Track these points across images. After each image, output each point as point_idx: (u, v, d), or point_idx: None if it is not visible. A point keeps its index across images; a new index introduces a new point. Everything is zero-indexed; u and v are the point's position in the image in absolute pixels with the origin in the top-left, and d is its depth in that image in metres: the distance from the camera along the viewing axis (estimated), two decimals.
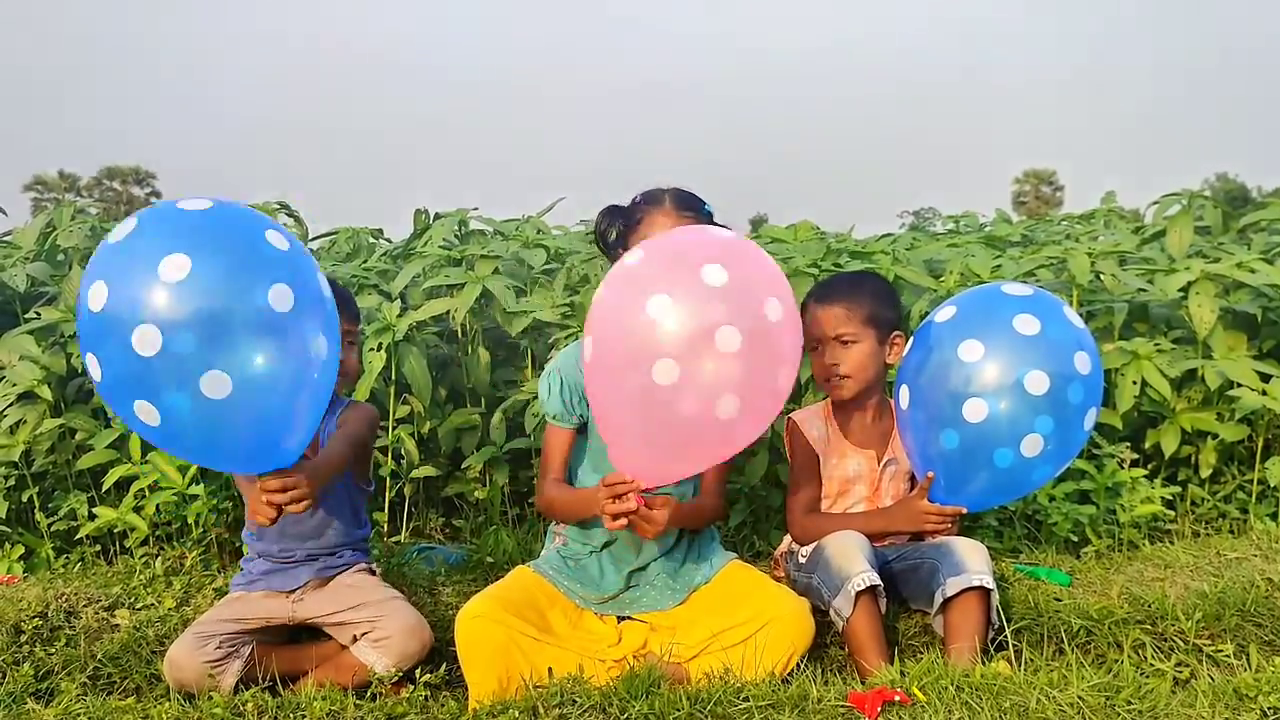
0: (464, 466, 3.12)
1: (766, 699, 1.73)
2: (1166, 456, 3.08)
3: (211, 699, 1.78)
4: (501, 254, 3.40)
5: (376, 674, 2.00)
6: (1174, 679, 1.99)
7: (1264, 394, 2.95)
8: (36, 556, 2.93)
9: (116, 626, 2.29)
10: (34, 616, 2.28)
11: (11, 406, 2.91)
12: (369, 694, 1.86)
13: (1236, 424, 3.06)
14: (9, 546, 2.92)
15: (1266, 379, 3.00)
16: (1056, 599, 2.30)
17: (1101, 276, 3.29)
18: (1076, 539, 2.79)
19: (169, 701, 1.80)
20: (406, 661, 2.03)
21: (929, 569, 2.13)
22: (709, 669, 1.93)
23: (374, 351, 2.96)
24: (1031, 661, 1.92)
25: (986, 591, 2.03)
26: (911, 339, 2.24)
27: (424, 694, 1.82)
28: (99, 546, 2.92)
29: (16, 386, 2.88)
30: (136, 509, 2.70)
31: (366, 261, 3.71)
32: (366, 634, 2.07)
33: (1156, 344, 3.06)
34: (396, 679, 2.00)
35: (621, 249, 2.18)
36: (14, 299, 3.29)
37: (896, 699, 1.70)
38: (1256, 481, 3.10)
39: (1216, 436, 3.08)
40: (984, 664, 1.85)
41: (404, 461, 3.08)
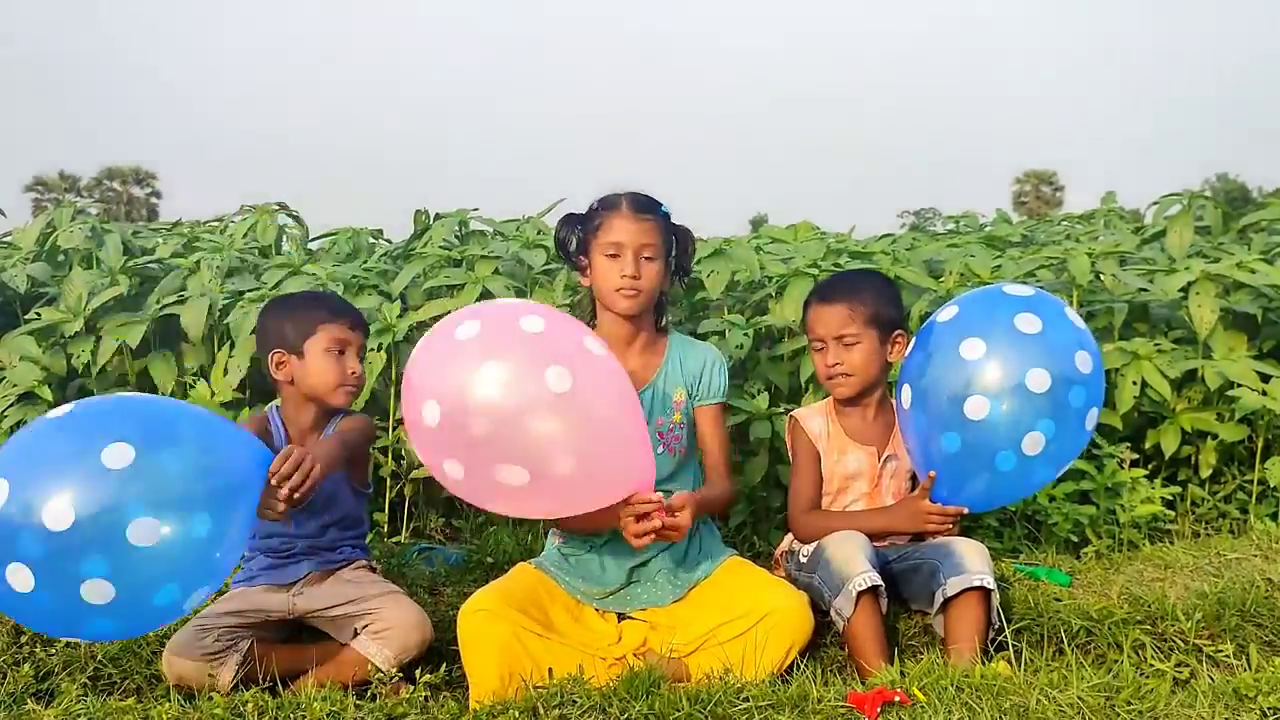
0: None
1: (766, 699, 1.73)
2: (1166, 457, 3.08)
3: (211, 699, 1.78)
4: (501, 254, 3.40)
5: (377, 666, 2.00)
6: (1174, 679, 1.99)
7: (1264, 394, 2.95)
8: None
9: None
10: None
11: (12, 407, 2.91)
12: (369, 694, 1.86)
13: (1236, 424, 3.06)
14: None
15: (1266, 379, 3.01)
16: (1056, 599, 2.30)
17: (1102, 276, 3.30)
18: (1076, 539, 2.79)
19: (169, 702, 1.80)
20: (407, 654, 2.03)
21: (929, 569, 2.13)
22: (708, 666, 1.94)
23: (374, 352, 2.96)
24: (1031, 662, 1.92)
25: (987, 592, 2.03)
26: (913, 339, 2.24)
27: (424, 694, 1.82)
28: None
29: (17, 387, 2.89)
30: None
31: (367, 262, 3.71)
32: (367, 626, 2.08)
33: (1157, 344, 3.06)
34: (397, 678, 2.00)
35: (583, 256, 2.19)
36: (14, 300, 3.30)
37: (896, 699, 1.70)
38: (1256, 482, 3.10)
39: (1216, 437, 3.08)
40: (984, 664, 1.85)
41: (404, 462, 3.08)
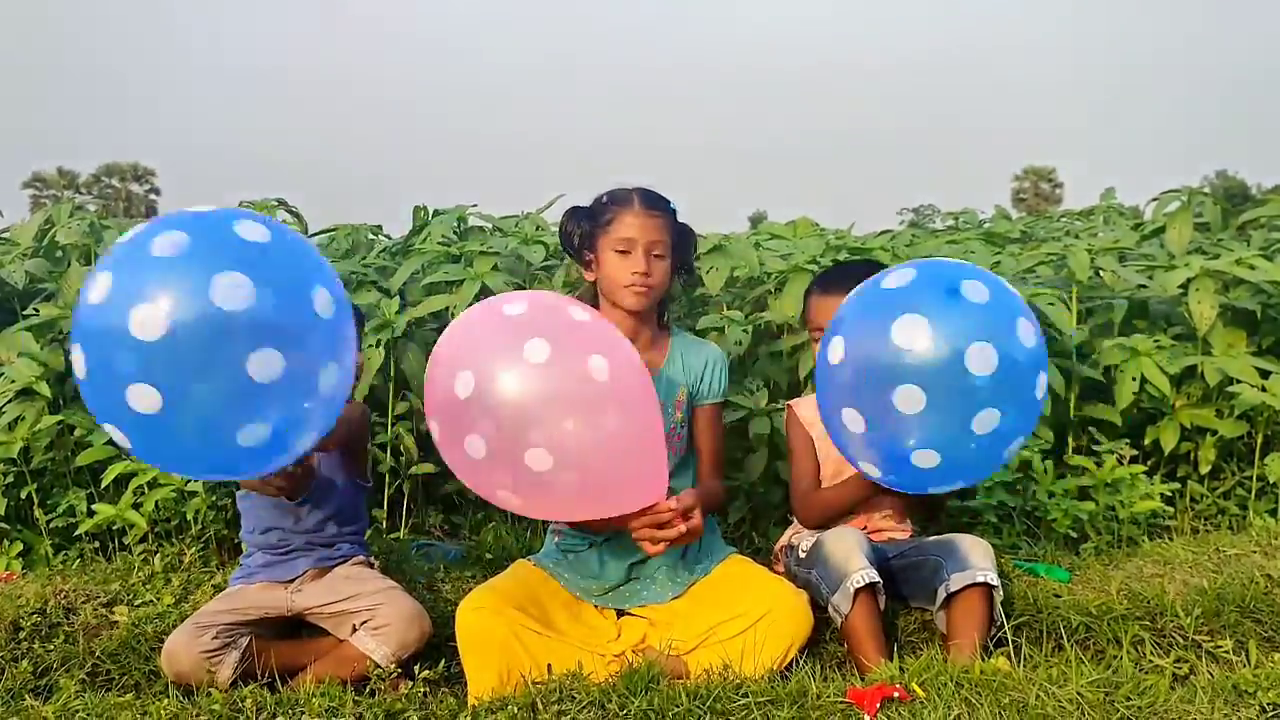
0: None
1: (766, 695, 1.73)
2: (1166, 453, 3.08)
3: (210, 695, 1.78)
4: (500, 250, 3.39)
5: (375, 662, 2.00)
6: (1173, 675, 1.99)
7: (1263, 390, 2.95)
8: (35, 553, 2.92)
9: (115, 623, 2.29)
10: (33, 613, 2.28)
11: (10, 403, 2.90)
12: (368, 690, 1.86)
13: (1236, 420, 3.06)
14: (8, 543, 2.91)
15: (1266, 375, 3.00)
16: (1056, 595, 2.30)
17: (1101, 273, 3.29)
18: (1076, 535, 2.79)
19: (167, 698, 1.79)
20: (405, 650, 2.03)
21: (933, 565, 2.13)
22: (708, 663, 1.93)
23: (373, 348, 2.95)
24: (1031, 658, 1.92)
25: (990, 588, 2.03)
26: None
27: (423, 690, 1.82)
28: (98, 543, 2.91)
29: (15, 383, 2.88)
30: (135, 506, 2.70)
31: (365, 258, 3.71)
32: (365, 622, 2.08)
33: (1156, 340, 3.06)
34: (395, 674, 2.00)
35: (588, 251, 2.19)
36: (12, 295, 3.29)
37: (896, 695, 1.69)
38: (1255, 478, 3.10)
39: (1216, 433, 3.08)
40: (984, 660, 1.85)
41: (403, 458, 3.07)
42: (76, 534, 2.84)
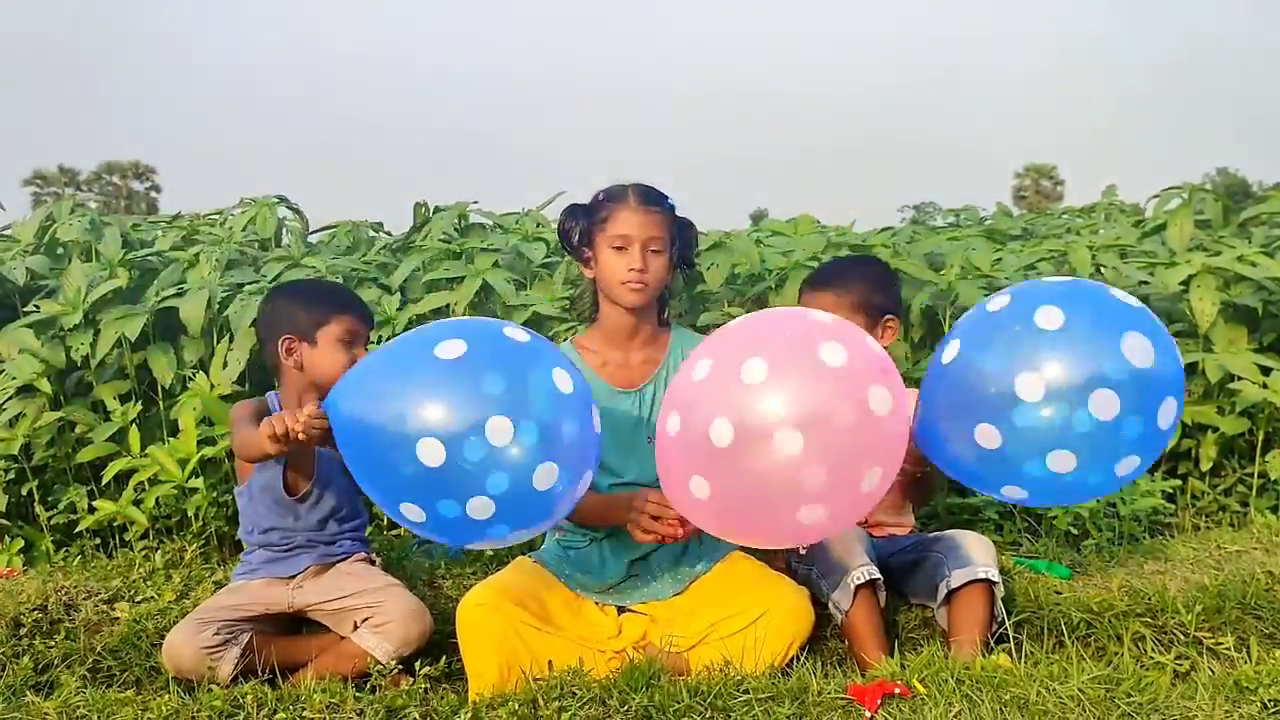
0: None
1: (766, 691, 1.73)
2: (1167, 450, 3.07)
3: (211, 691, 1.78)
4: (501, 247, 3.39)
5: (377, 659, 2.00)
6: (1174, 672, 1.99)
7: (1264, 387, 2.95)
8: (36, 550, 2.93)
9: (116, 620, 2.29)
10: (34, 610, 2.28)
11: (11, 400, 2.91)
12: (369, 686, 1.86)
13: (1237, 417, 3.05)
14: (9, 540, 2.92)
15: (1267, 372, 3.00)
16: (1057, 592, 2.30)
17: (1102, 270, 3.29)
18: (1077, 532, 2.79)
19: (169, 694, 1.80)
20: (407, 647, 2.03)
21: (934, 562, 2.13)
22: (708, 659, 1.93)
23: (373, 345, 2.95)
24: (1032, 654, 1.91)
25: (991, 584, 2.03)
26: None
27: (424, 686, 1.82)
28: (99, 540, 2.92)
29: (16, 380, 2.88)
30: (136, 502, 2.70)
31: (366, 255, 3.70)
32: (367, 619, 2.08)
33: None
34: (396, 671, 2.00)
35: (586, 248, 2.18)
36: (13, 292, 3.29)
37: (896, 691, 1.70)
38: (1257, 475, 3.10)
39: (1217, 430, 3.08)
40: (985, 657, 1.85)
41: None
42: (77, 530, 2.85)
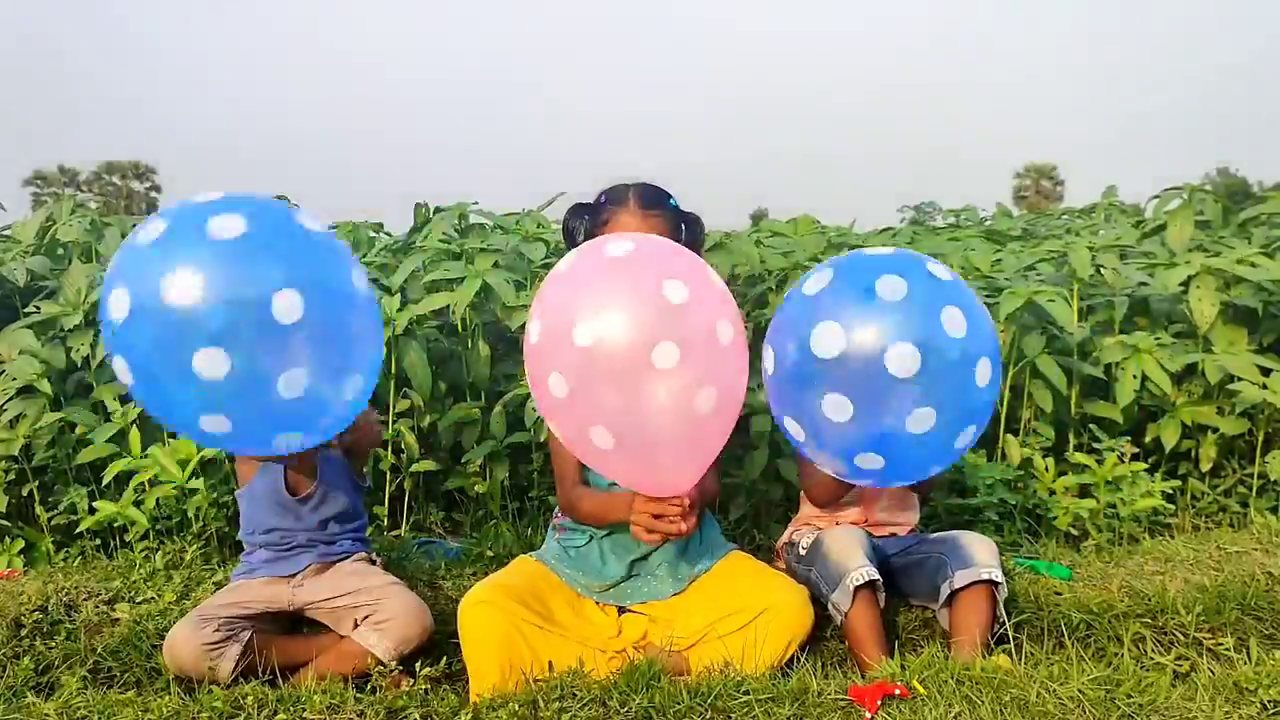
0: (464, 460, 3.12)
1: (766, 692, 1.73)
2: (1167, 450, 3.08)
3: (211, 691, 1.78)
4: (501, 248, 3.39)
5: (377, 657, 2.00)
6: (1174, 673, 1.99)
7: (1264, 388, 2.95)
8: (37, 551, 2.93)
9: (116, 620, 2.29)
10: (34, 611, 2.28)
11: (11, 401, 2.91)
12: (369, 687, 1.86)
13: (1237, 418, 3.06)
14: (9, 541, 2.92)
15: (1267, 373, 3.00)
16: (1057, 593, 2.30)
17: (1102, 270, 3.29)
18: (1077, 533, 2.79)
19: (169, 695, 1.80)
20: (407, 645, 2.03)
21: (936, 562, 2.13)
22: (708, 658, 1.94)
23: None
24: (1032, 655, 1.92)
25: (994, 585, 2.03)
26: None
27: (424, 687, 1.82)
28: (99, 540, 2.92)
29: (16, 381, 2.88)
30: (136, 503, 2.70)
31: (366, 255, 3.71)
32: (368, 617, 2.08)
33: (1157, 338, 3.06)
34: (396, 670, 2.00)
35: None
36: (13, 293, 3.29)
37: (896, 692, 1.70)
38: (1257, 475, 3.10)
39: (1217, 430, 3.08)
40: (985, 658, 1.85)
41: (404, 455, 3.08)
42: (78, 531, 2.85)
